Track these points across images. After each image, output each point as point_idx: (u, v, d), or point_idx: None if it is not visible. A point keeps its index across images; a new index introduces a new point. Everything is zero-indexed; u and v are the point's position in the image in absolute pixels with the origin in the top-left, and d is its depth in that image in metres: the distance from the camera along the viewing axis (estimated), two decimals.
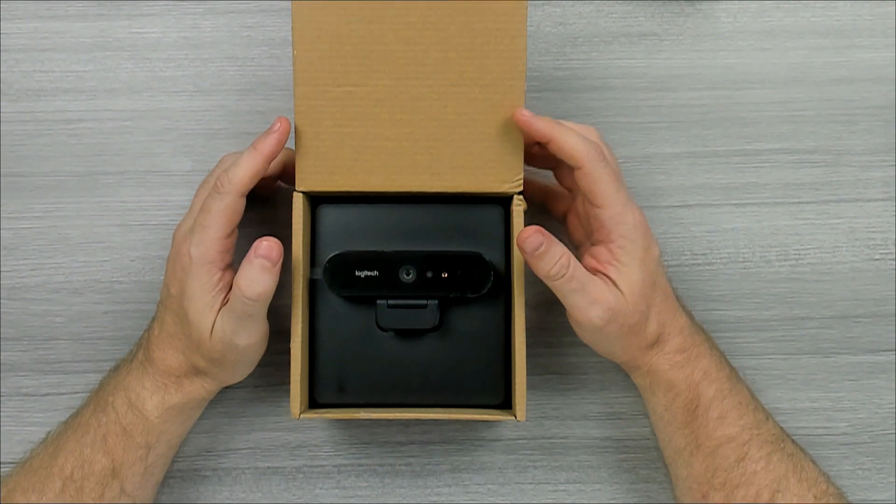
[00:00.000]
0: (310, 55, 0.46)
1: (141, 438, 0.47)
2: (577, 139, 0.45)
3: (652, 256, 0.47)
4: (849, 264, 0.56)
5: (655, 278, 0.47)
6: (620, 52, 0.57)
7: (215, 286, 0.45)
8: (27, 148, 0.56)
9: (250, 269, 0.43)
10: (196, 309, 0.45)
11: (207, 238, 0.44)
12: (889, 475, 0.54)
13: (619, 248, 0.45)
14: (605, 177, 0.45)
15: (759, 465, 0.45)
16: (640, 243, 0.46)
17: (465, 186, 0.47)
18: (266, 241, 0.43)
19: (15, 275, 0.56)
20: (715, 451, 0.46)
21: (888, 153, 0.57)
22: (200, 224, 0.45)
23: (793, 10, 0.58)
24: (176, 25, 0.58)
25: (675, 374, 0.47)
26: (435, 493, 0.54)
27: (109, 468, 0.46)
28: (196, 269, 0.45)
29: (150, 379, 0.47)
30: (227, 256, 0.46)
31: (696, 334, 0.48)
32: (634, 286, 0.45)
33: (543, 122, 0.46)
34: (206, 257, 0.44)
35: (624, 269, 0.45)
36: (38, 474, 0.47)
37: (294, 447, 0.55)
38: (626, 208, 0.46)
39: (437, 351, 0.49)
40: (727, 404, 0.46)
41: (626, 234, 0.45)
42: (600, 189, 0.45)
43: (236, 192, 0.44)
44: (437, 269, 0.48)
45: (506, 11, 0.45)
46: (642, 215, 0.47)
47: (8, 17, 0.58)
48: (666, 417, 0.48)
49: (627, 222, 0.45)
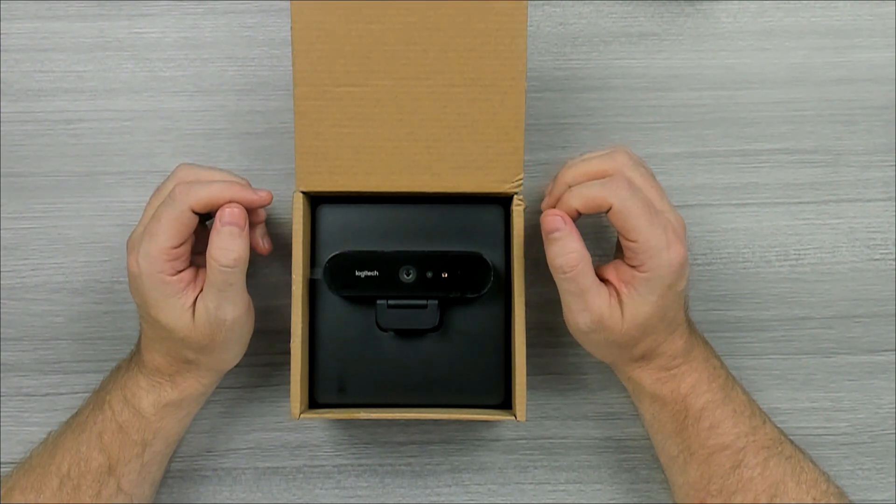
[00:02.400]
0: (309, 55, 0.46)
1: (137, 436, 0.47)
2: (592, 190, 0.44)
3: (674, 292, 0.45)
4: (849, 264, 0.56)
5: (666, 312, 0.45)
6: (620, 52, 0.57)
7: (175, 289, 0.44)
8: (27, 148, 0.56)
9: (220, 238, 0.43)
10: (166, 314, 0.45)
11: (154, 248, 0.44)
12: (889, 475, 0.54)
13: (644, 280, 0.44)
14: (635, 209, 0.43)
15: (756, 472, 0.45)
16: (667, 280, 0.44)
17: (465, 186, 0.47)
18: (229, 207, 0.44)
19: (15, 275, 0.56)
20: (709, 459, 0.46)
21: (888, 153, 0.57)
22: (149, 232, 0.44)
23: (793, 10, 0.58)
24: (176, 25, 0.58)
25: (658, 387, 0.47)
26: (435, 493, 0.54)
27: (105, 465, 0.46)
28: (147, 279, 0.44)
29: (145, 378, 0.47)
30: (179, 264, 0.45)
31: (689, 353, 0.47)
32: (639, 317, 0.44)
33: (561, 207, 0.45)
34: (154, 267, 0.44)
35: (638, 298, 0.44)
36: (37, 473, 0.47)
37: (294, 447, 0.55)
38: (661, 241, 0.43)
39: (437, 351, 0.49)
40: (720, 414, 0.46)
41: (656, 269, 0.43)
42: (631, 224, 0.43)
43: (188, 205, 0.44)
44: (437, 269, 0.48)
45: (506, 11, 0.45)
46: (681, 251, 0.44)
47: (8, 17, 0.58)
48: (655, 425, 0.48)
49: (662, 259, 0.43)
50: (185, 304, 0.45)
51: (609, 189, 0.43)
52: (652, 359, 0.47)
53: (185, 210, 0.44)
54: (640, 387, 0.47)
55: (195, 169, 0.47)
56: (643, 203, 0.43)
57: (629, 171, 0.45)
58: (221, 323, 0.45)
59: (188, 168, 0.47)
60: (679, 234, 0.44)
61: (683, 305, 0.47)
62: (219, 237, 0.44)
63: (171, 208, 0.44)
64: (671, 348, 0.46)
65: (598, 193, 0.43)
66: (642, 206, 0.43)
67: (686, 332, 0.47)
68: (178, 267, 0.45)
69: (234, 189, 0.45)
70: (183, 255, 0.45)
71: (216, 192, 0.44)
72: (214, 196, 0.44)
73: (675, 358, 0.46)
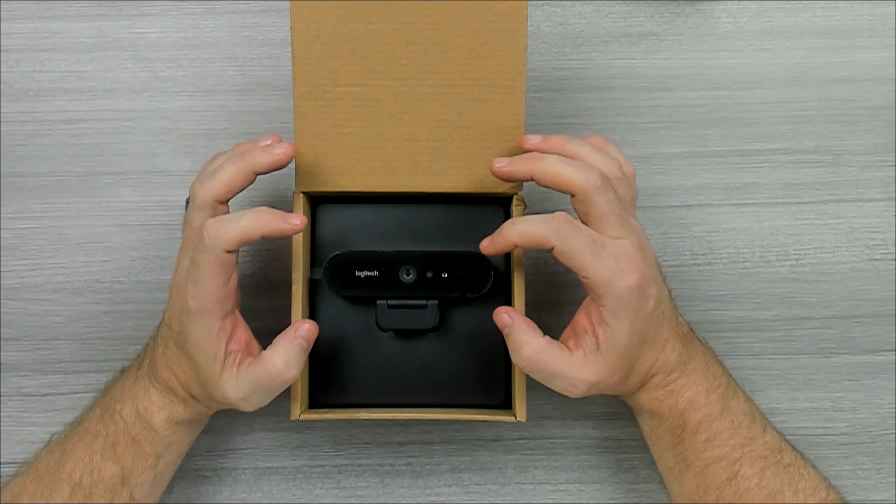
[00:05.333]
0: (309, 55, 0.46)
1: (150, 448, 0.46)
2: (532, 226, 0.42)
3: (644, 314, 0.43)
4: (849, 264, 0.56)
5: (646, 335, 0.44)
6: (620, 52, 0.57)
7: (217, 333, 0.43)
8: (27, 148, 0.56)
9: (290, 350, 0.43)
10: (201, 355, 0.44)
11: (203, 291, 0.42)
12: (889, 475, 0.54)
13: (610, 313, 0.42)
14: (579, 247, 0.42)
15: (752, 482, 0.45)
16: (630, 307, 0.42)
17: (465, 186, 0.47)
18: (308, 324, 0.44)
19: (15, 275, 0.56)
20: (705, 471, 0.45)
21: (888, 153, 0.57)
22: (193, 278, 0.43)
23: (793, 10, 0.58)
24: (176, 25, 0.58)
25: (656, 405, 0.46)
26: (435, 493, 0.54)
27: (119, 476, 0.46)
28: (196, 318, 0.43)
29: (157, 394, 0.46)
30: (228, 304, 0.44)
31: (685, 365, 0.46)
32: (619, 349, 0.43)
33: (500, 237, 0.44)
34: (204, 308, 0.43)
35: (612, 333, 0.43)
36: (46, 480, 0.46)
37: (294, 447, 0.55)
38: (612, 272, 0.42)
39: (437, 351, 0.49)
40: (716, 427, 0.45)
41: (616, 300, 0.42)
42: (578, 262, 0.42)
43: (222, 249, 0.42)
44: (437, 269, 0.48)
45: (506, 11, 0.45)
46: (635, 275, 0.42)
47: (8, 17, 0.58)
48: (652, 438, 0.48)
49: (619, 289, 0.42)
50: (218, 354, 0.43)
51: (549, 228, 0.42)
52: (648, 381, 0.46)
53: (219, 254, 0.42)
54: (638, 405, 0.47)
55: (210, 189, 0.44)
56: (586, 240, 0.42)
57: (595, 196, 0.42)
58: (239, 406, 0.45)
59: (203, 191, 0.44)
60: (633, 257, 0.43)
61: (667, 319, 0.46)
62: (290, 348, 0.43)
63: (205, 254, 0.42)
64: (665, 365, 0.46)
65: (539, 231, 0.42)
66: (585, 243, 0.42)
67: (679, 345, 0.46)
68: (228, 307, 0.44)
69: (265, 222, 0.42)
70: (230, 293, 0.44)
71: (247, 232, 0.42)
72: (246, 235, 0.42)
73: (670, 373, 0.46)
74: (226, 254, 0.42)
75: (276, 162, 0.45)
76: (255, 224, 0.42)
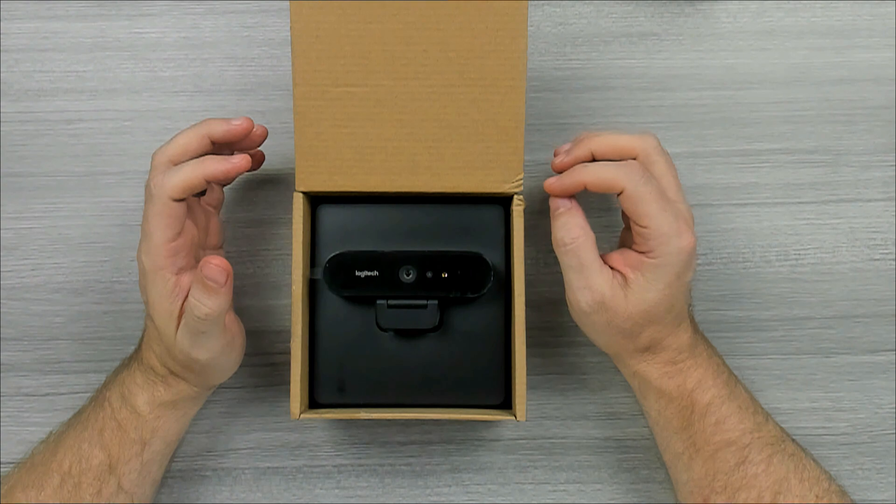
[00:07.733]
0: (309, 55, 0.46)
1: (135, 434, 0.47)
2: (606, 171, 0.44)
3: (682, 282, 0.45)
4: (849, 264, 0.56)
5: (674, 302, 0.45)
6: (620, 52, 0.57)
7: (171, 292, 0.44)
8: (27, 148, 0.56)
9: (197, 290, 0.43)
10: (159, 316, 0.44)
11: (152, 245, 0.44)
12: (889, 475, 0.54)
13: (653, 266, 0.44)
14: (647, 195, 0.43)
15: (760, 468, 0.45)
16: (676, 268, 0.44)
17: (465, 186, 0.47)
18: (213, 261, 0.43)
19: (15, 275, 0.56)
20: (714, 455, 0.46)
21: (888, 153, 0.57)
22: (144, 232, 0.44)
23: (793, 10, 0.58)
24: (176, 25, 0.58)
25: (664, 382, 0.47)
26: (435, 493, 0.54)
27: (106, 463, 0.46)
28: (150, 276, 0.44)
29: (141, 375, 0.47)
30: (180, 259, 0.44)
31: (694, 348, 0.47)
32: (644, 303, 0.44)
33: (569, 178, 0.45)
34: (155, 264, 0.44)
35: (645, 284, 0.44)
36: (38, 470, 0.47)
37: (294, 447, 0.55)
38: (672, 228, 0.43)
39: (437, 351, 0.49)
40: (725, 410, 0.46)
41: (666, 256, 0.44)
42: (643, 210, 0.43)
43: (167, 196, 0.43)
44: (437, 269, 0.48)
45: (506, 11, 0.45)
46: (692, 240, 0.44)
47: (8, 17, 0.58)
48: (661, 422, 0.48)
49: (673, 246, 0.43)
50: (173, 313, 0.44)
51: (623, 172, 0.44)
52: (657, 352, 0.46)
53: (166, 203, 0.43)
54: (646, 382, 0.47)
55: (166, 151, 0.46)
56: (655, 190, 0.44)
57: (654, 156, 0.46)
58: (195, 360, 0.45)
59: (160, 153, 0.46)
60: (689, 223, 0.45)
61: (689, 301, 0.47)
62: (196, 288, 0.43)
63: (152, 204, 0.44)
64: (677, 342, 0.46)
65: (613, 175, 0.44)
66: (655, 192, 0.44)
67: (690, 328, 0.47)
68: (180, 263, 0.44)
69: (206, 166, 0.44)
70: (183, 249, 0.45)
71: (189, 177, 0.44)
72: (188, 181, 0.44)
73: (680, 352, 0.46)
74: (173, 202, 0.43)
75: (230, 132, 0.46)
76: (199, 169, 0.44)
